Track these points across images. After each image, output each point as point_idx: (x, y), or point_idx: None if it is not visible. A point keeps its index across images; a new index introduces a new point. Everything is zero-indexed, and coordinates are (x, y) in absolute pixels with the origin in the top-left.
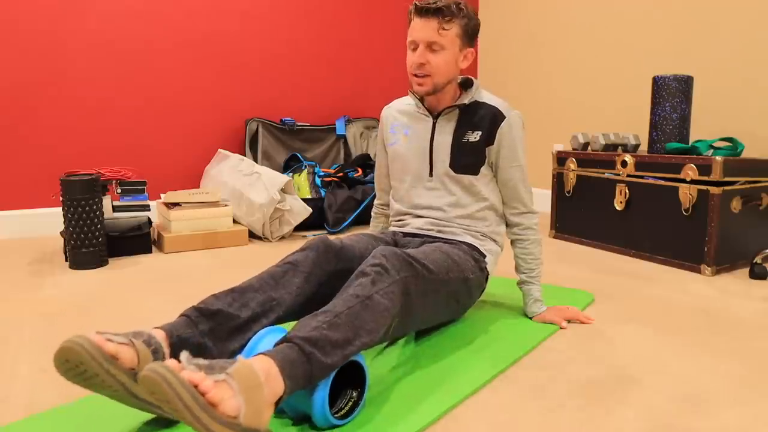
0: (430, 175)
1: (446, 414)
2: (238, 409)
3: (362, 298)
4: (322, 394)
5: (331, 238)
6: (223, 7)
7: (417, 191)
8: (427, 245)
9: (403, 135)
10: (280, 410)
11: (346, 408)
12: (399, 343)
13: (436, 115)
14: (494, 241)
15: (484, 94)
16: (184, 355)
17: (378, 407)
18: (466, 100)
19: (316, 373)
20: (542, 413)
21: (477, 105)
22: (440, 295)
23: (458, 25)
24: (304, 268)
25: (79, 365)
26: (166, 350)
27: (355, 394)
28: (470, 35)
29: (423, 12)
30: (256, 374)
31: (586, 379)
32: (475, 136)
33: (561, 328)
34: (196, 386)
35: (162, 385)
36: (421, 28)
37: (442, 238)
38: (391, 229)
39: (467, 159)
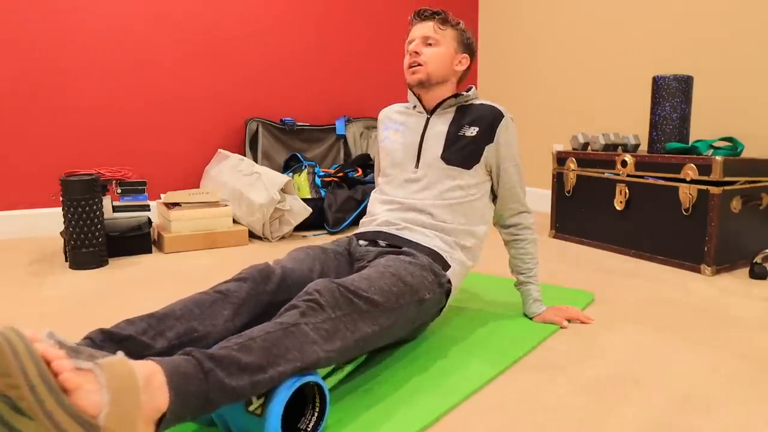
0: (416, 166)
1: (446, 414)
2: (98, 408)
3: (285, 326)
4: (275, 418)
5: (271, 264)
6: (223, 7)
7: (398, 183)
8: (375, 266)
9: (394, 131)
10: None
11: (310, 427)
12: (397, 344)
13: (430, 112)
14: (464, 248)
15: (480, 98)
16: (48, 331)
17: (378, 407)
18: (463, 100)
19: (214, 395)
20: (542, 413)
21: (473, 105)
22: (390, 322)
23: (453, 30)
24: (235, 300)
25: None
26: None
27: (313, 419)
28: (465, 45)
29: (421, 15)
30: (133, 375)
31: (586, 379)
32: (471, 131)
33: (561, 327)
34: (48, 363)
35: (4, 351)
36: (419, 28)
37: (405, 240)
38: (356, 231)
39: (462, 152)
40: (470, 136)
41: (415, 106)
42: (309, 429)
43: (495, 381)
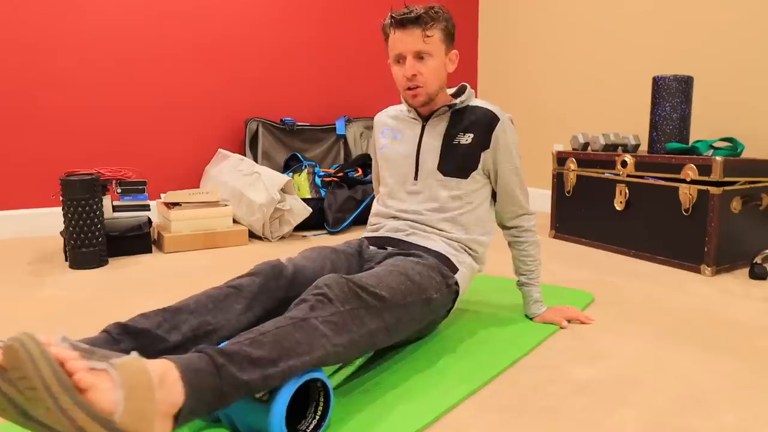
0: (415, 178)
1: (446, 414)
2: (113, 405)
3: (296, 320)
4: (279, 413)
5: (283, 261)
6: (223, 7)
7: (399, 195)
8: (384, 265)
9: (392, 139)
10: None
11: (309, 429)
12: (402, 344)
13: (425, 118)
14: (471, 253)
15: (475, 99)
16: (62, 336)
17: (378, 407)
18: (457, 103)
19: (227, 389)
20: (542, 413)
21: (468, 108)
22: (397, 321)
23: (439, 29)
24: (247, 294)
25: None
26: None
27: (318, 413)
28: (451, 36)
29: (403, 23)
30: (146, 372)
31: (586, 379)
32: (467, 138)
33: (561, 327)
34: (62, 364)
35: (21, 356)
36: (405, 41)
37: (414, 245)
38: (364, 235)
39: (458, 161)
40: (465, 143)
41: (409, 111)
42: (308, 431)
43: (495, 381)
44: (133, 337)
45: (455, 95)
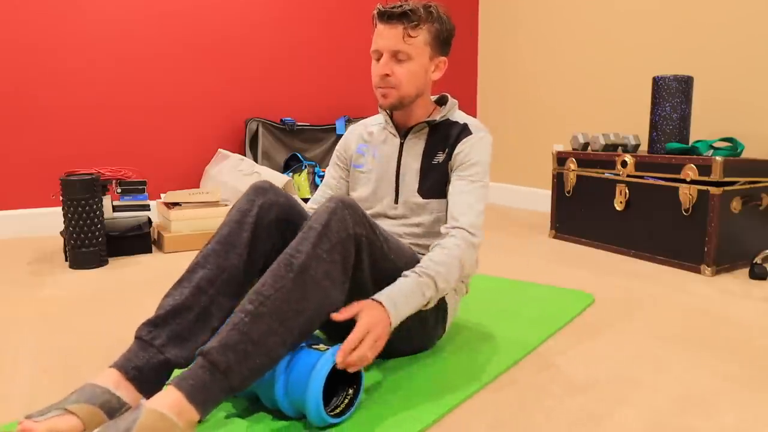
0: (395, 201)
1: (446, 414)
2: None
3: (296, 272)
4: (315, 392)
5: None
6: (223, 7)
7: (379, 219)
8: None
9: (371, 157)
10: (276, 409)
11: (342, 405)
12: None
13: (404, 134)
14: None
15: (458, 113)
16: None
17: (379, 407)
18: (437, 116)
19: (237, 383)
20: (542, 413)
21: (448, 123)
22: (388, 280)
23: (427, 31)
24: (250, 218)
25: None
26: (124, 392)
27: (351, 391)
28: (442, 42)
29: (387, 17)
30: (166, 418)
31: (586, 379)
32: (440, 157)
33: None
34: None
35: None
36: (385, 36)
37: None
38: None
39: (435, 180)
40: (438, 163)
41: (386, 121)
42: (336, 412)
43: (495, 381)
44: (164, 324)
45: (437, 103)
